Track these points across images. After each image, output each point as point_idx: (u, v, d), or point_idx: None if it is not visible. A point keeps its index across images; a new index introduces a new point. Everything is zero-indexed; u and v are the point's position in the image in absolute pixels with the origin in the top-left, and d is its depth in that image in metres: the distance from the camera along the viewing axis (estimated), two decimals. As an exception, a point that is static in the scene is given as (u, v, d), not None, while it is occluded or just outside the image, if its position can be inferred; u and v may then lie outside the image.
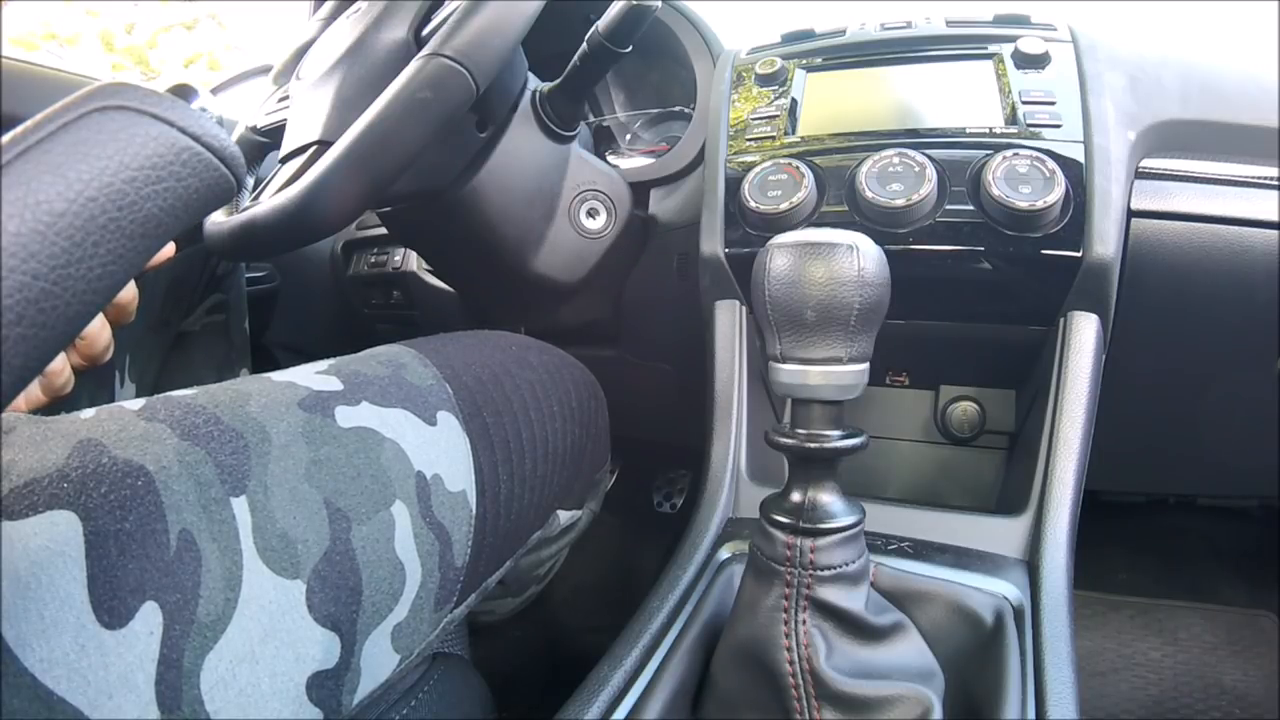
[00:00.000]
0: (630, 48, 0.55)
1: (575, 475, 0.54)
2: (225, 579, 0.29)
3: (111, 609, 0.25)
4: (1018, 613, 0.39)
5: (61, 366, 0.37)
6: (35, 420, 0.30)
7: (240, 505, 0.30)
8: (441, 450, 0.40)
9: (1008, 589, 0.41)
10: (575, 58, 0.57)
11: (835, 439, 0.34)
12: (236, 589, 0.29)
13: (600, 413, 0.59)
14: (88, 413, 0.32)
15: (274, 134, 0.60)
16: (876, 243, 0.34)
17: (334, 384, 0.39)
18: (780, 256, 0.33)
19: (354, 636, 0.34)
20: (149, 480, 0.28)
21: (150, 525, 0.27)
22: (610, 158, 0.80)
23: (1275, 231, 0.51)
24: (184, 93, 0.74)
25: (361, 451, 0.36)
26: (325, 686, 0.32)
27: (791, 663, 0.33)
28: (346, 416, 0.37)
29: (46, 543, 0.25)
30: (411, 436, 0.39)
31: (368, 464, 0.36)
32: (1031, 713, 0.34)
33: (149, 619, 0.26)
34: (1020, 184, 0.48)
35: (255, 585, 0.30)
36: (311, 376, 0.39)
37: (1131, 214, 0.52)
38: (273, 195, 0.45)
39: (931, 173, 0.50)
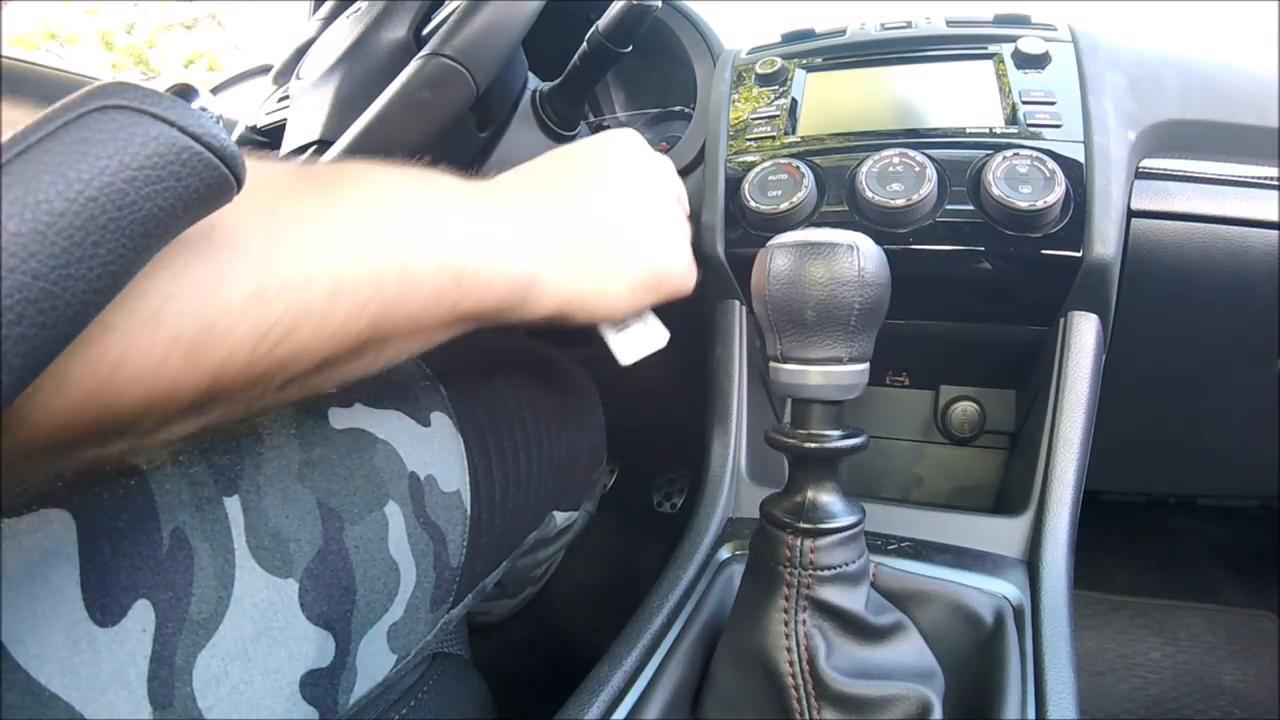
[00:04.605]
0: (630, 48, 0.55)
1: (571, 476, 0.54)
2: (217, 577, 0.29)
3: (104, 606, 0.25)
4: (1018, 613, 0.39)
5: None
6: None
7: (233, 505, 0.30)
8: (435, 451, 0.40)
9: (1008, 589, 0.41)
10: (575, 58, 0.57)
11: (835, 439, 0.34)
12: (229, 587, 0.29)
13: (596, 414, 0.59)
14: None
15: (274, 134, 0.60)
16: (876, 243, 0.34)
17: None
18: (780, 256, 0.33)
19: (348, 636, 0.34)
20: (142, 479, 0.28)
21: (143, 524, 0.27)
22: (610, 158, 0.80)
23: (1275, 231, 0.51)
24: (185, 92, 0.74)
25: (354, 452, 0.36)
26: (320, 685, 0.32)
27: (791, 663, 0.33)
28: (339, 418, 0.37)
29: (40, 540, 0.25)
30: (405, 437, 0.39)
31: (360, 464, 0.36)
32: (1031, 713, 0.34)
33: (141, 616, 0.26)
34: (1020, 184, 0.48)
35: (247, 584, 0.30)
36: None
37: (1132, 214, 0.52)
38: (273, 195, 0.45)
39: (931, 173, 0.50)
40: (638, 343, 0.42)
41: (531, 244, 0.34)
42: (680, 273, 0.42)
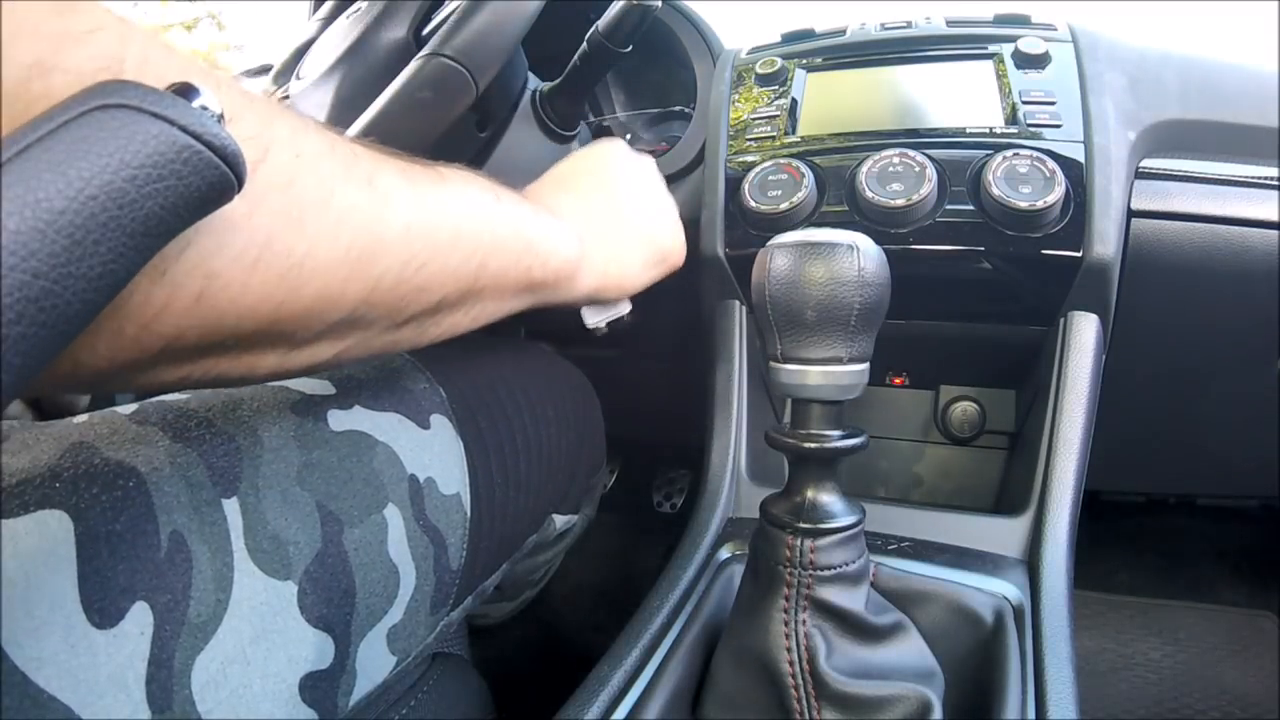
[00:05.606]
0: (630, 47, 0.55)
1: (570, 479, 0.54)
2: (216, 580, 0.29)
3: (102, 609, 0.25)
4: (1018, 613, 0.39)
5: None
6: (29, 425, 0.31)
7: (231, 507, 0.30)
8: (435, 454, 0.40)
9: (1008, 589, 0.41)
10: (575, 58, 0.57)
11: (835, 439, 0.34)
12: (227, 590, 0.29)
13: (595, 417, 0.59)
14: (80, 417, 0.32)
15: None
16: (876, 243, 0.34)
17: (326, 388, 0.39)
18: (780, 256, 0.33)
19: (348, 638, 0.34)
20: (140, 481, 0.28)
21: (141, 526, 0.27)
22: (610, 158, 0.80)
23: (1275, 231, 0.51)
24: (185, 91, 0.74)
25: (353, 455, 0.36)
26: (319, 688, 0.32)
27: (792, 663, 0.33)
28: (339, 420, 0.37)
29: (38, 542, 0.25)
30: (404, 440, 0.39)
31: (360, 467, 0.36)
32: (1031, 713, 0.34)
33: (139, 619, 0.26)
34: (1020, 184, 0.48)
35: (246, 586, 0.30)
36: (304, 380, 0.39)
37: (1132, 214, 0.52)
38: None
39: (931, 173, 0.50)
40: (603, 311, 0.49)
41: (574, 235, 0.42)
42: (678, 248, 0.50)
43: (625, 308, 0.50)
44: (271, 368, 0.28)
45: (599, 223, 0.45)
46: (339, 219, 0.26)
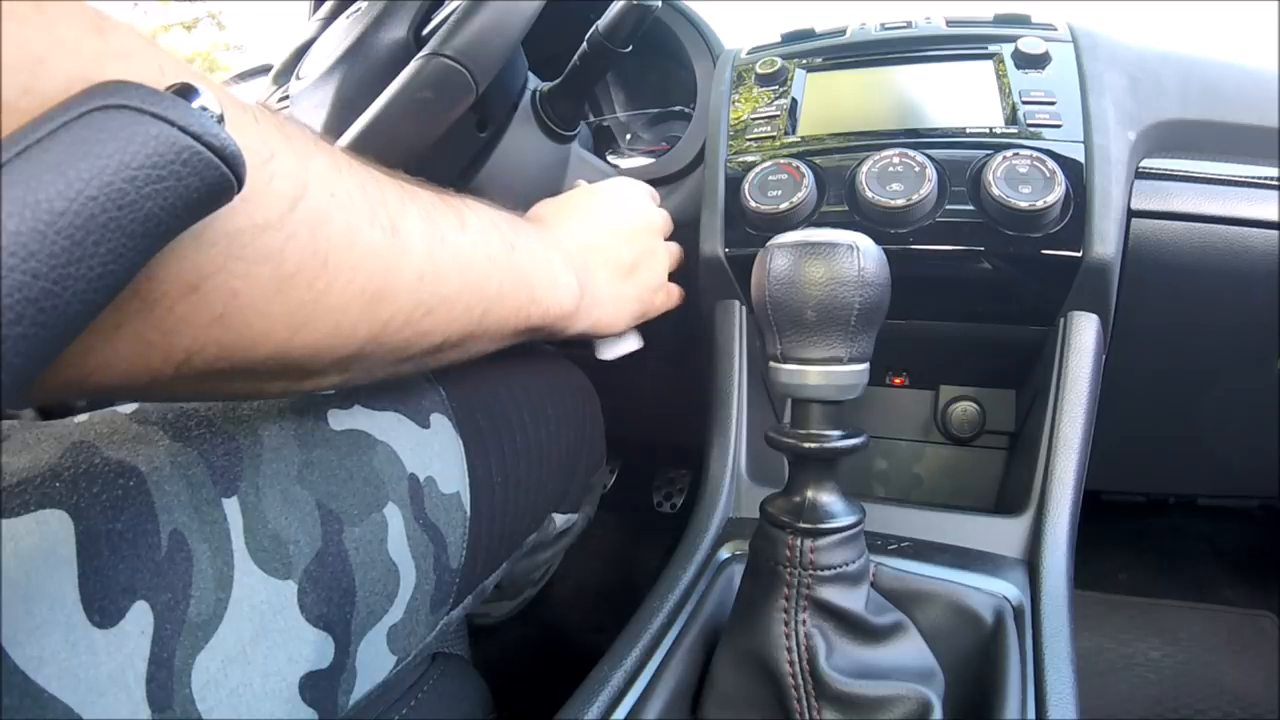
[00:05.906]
0: (630, 47, 0.55)
1: (570, 478, 0.54)
2: (216, 579, 0.29)
3: (102, 608, 0.25)
4: (1018, 613, 0.39)
5: None
6: (29, 424, 0.31)
7: (232, 506, 0.30)
8: (435, 453, 0.40)
9: (1008, 589, 0.41)
10: (575, 58, 0.57)
11: (835, 439, 0.34)
12: (227, 589, 0.29)
13: (594, 416, 0.59)
14: (80, 416, 0.32)
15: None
16: (876, 242, 0.34)
17: None
18: (780, 256, 0.33)
19: (348, 637, 0.34)
20: (141, 481, 0.28)
21: (142, 525, 0.27)
22: (610, 158, 0.80)
23: (1275, 231, 0.51)
24: (185, 91, 0.74)
25: (354, 454, 0.36)
26: (320, 687, 0.32)
27: (792, 663, 0.33)
28: (339, 419, 0.37)
29: (38, 541, 0.25)
30: (404, 439, 0.39)
31: (360, 466, 0.36)
32: (1031, 713, 0.34)
33: (140, 618, 0.26)
34: (1020, 184, 0.48)
35: (246, 585, 0.30)
36: None
37: (1131, 214, 0.52)
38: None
39: (931, 173, 0.50)
40: (617, 344, 0.53)
41: (576, 282, 0.45)
42: (660, 302, 0.55)
43: (637, 342, 0.53)
44: (277, 393, 0.30)
45: (602, 266, 0.48)
46: (359, 261, 0.28)
